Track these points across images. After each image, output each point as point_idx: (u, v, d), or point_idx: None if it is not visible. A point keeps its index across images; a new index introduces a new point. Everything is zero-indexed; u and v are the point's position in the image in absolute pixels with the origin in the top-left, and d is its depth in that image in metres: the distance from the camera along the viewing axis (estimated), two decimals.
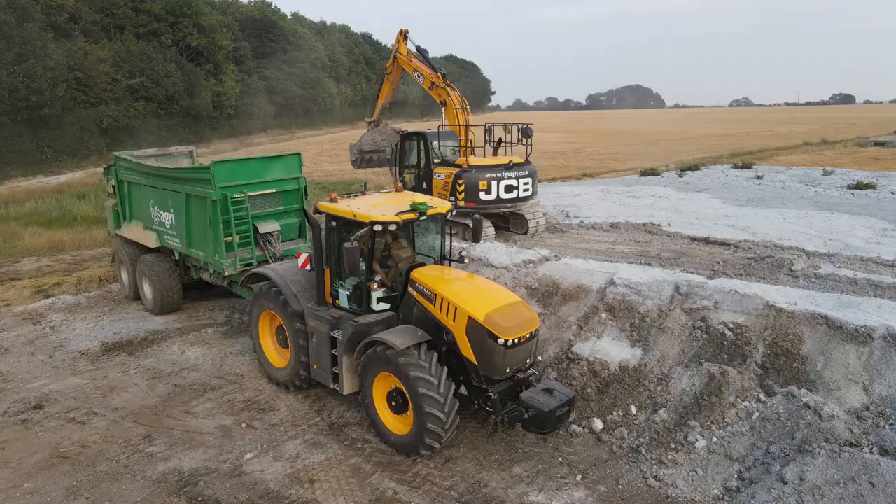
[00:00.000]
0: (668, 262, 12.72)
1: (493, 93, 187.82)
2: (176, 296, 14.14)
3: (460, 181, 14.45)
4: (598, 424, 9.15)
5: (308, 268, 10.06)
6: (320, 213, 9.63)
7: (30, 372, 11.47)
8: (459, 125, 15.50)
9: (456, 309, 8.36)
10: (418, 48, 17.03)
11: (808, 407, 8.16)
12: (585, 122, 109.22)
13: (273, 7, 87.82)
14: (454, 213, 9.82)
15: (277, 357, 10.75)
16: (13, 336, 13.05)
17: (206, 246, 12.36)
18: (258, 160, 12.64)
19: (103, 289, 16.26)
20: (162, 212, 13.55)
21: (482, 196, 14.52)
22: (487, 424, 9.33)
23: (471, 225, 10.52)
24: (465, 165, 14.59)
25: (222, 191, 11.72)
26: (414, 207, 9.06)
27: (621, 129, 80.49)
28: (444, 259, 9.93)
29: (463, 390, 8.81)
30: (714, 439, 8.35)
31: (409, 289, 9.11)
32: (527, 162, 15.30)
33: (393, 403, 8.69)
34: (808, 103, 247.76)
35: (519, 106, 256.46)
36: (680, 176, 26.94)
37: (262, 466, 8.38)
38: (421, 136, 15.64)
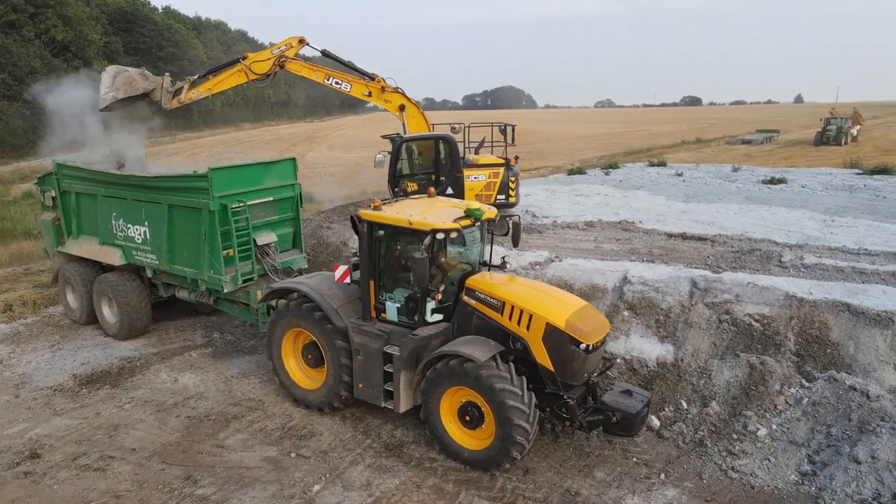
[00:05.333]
0: (662, 259, 13.19)
1: None
2: (146, 318, 12.78)
3: (513, 179, 14.40)
4: (655, 422, 9.32)
5: (347, 280, 9.43)
6: (362, 221, 9.04)
7: (0, 416, 9.88)
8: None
9: (531, 316, 8.17)
10: (325, 52, 16.27)
11: (855, 389, 8.76)
12: (469, 121, 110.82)
13: (143, 0, 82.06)
14: (499, 217, 9.59)
15: (304, 378, 9.98)
16: None
17: (197, 261, 11.22)
18: (255, 166, 11.70)
19: (40, 314, 14.36)
20: (130, 225, 12.14)
21: (521, 192, 14.91)
22: (546, 430, 9.20)
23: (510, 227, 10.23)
24: (514, 163, 14.57)
25: (220, 200, 10.72)
26: (469, 213, 8.75)
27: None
28: (483, 265, 9.69)
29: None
30: (774, 427, 8.76)
31: (466, 297, 8.79)
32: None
33: (467, 418, 8.33)
34: (663, 105, 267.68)
35: None
36: (606, 174, 28.11)
37: (337, 498, 7.74)
38: (444, 139, 14.83)
